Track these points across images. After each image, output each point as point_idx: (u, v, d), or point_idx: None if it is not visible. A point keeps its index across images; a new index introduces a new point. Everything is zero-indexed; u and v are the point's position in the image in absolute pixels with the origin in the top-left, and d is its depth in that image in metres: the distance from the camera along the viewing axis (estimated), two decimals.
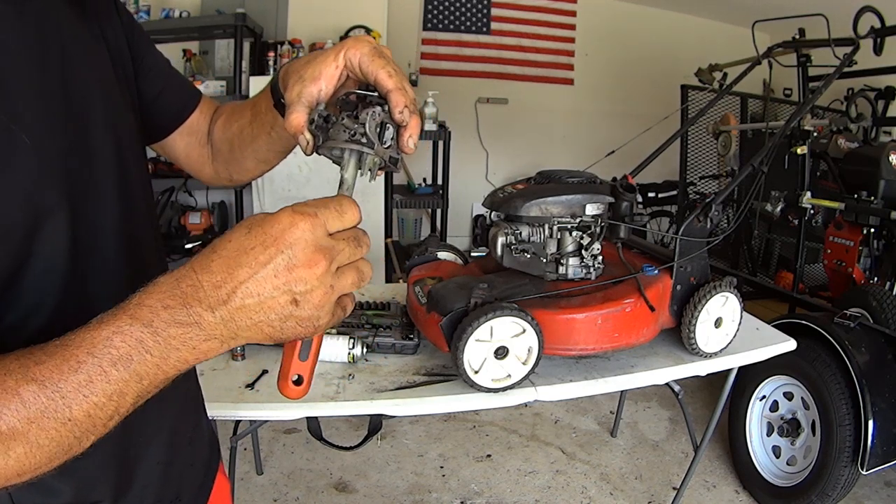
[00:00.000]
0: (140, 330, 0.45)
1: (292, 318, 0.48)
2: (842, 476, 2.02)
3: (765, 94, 3.53)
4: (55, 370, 0.43)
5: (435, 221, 4.70)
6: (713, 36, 5.23)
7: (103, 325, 0.45)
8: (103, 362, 0.44)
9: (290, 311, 0.48)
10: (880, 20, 2.22)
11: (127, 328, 0.44)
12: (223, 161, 0.85)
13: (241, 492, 2.27)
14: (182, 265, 0.47)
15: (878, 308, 2.29)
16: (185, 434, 0.75)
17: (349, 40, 0.64)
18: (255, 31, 3.88)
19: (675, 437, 2.80)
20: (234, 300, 0.46)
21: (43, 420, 0.42)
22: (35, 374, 0.42)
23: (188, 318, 0.45)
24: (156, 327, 0.45)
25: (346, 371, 1.44)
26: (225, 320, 0.46)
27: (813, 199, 2.62)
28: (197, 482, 0.77)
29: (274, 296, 0.47)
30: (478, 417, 2.88)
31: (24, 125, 0.51)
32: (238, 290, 0.46)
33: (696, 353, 1.57)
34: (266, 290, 0.47)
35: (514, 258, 1.49)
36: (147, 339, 0.45)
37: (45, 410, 0.42)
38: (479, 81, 5.16)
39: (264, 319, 0.47)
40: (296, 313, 0.48)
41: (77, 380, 0.43)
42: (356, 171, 0.59)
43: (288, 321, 0.48)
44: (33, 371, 0.43)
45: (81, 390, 0.43)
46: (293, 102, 0.62)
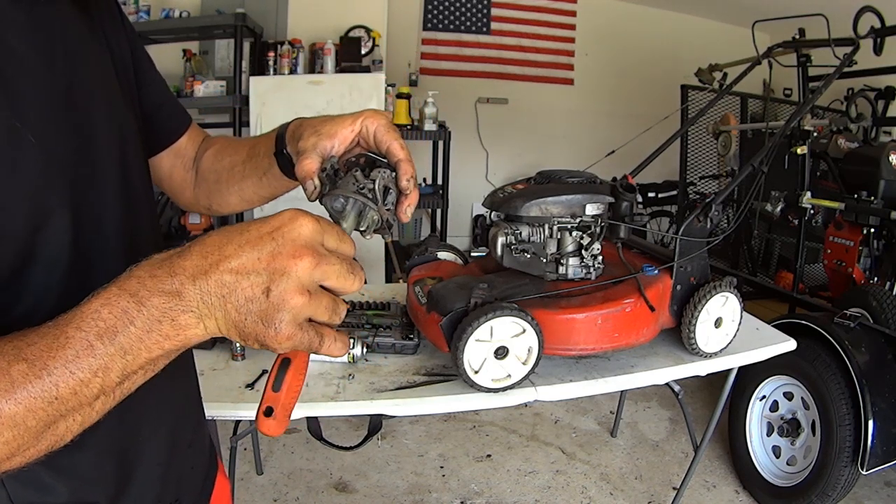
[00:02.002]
0: (126, 300, 0.45)
1: (258, 309, 0.46)
2: (842, 476, 2.02)
3: (765, 94, 3.53)
4: (45, 349, 0.43)
5: (435, 221, 4.70)
6: (713, 36, 5.22)
7: (94, 298, 0.45)
8: (90, 336, 0.44)
9: (258, 301, 0.46)
10: (880, 20, 2.22)
11: (115, 299, 0.45)
12: (206, 190, 0.86)
13: (241, 492, 2.27)
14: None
15: (878, 308, 2.29)
16: (185, 436, 0.75)
17: (368, 111, 0.68)
18: (255, 31, 3.88)
19: (675, 437, 2.80)
20: (214, 273, 0.46)
21: (30, 400, 0.42)
22: (26, 354, 0.43)
23: (171, 287, 0.45)
24: (140, 297, 0.45)
25: (346, 371, 1.44)
26: (202, 293, 0.46)
27: (813, 199, 2.62)
28: (198, 485, 0.77)
29: (250, 277, 0.46)
30: (478, 417, 2.88)
31: (30, 125, 0.51)
32: (221, 264, 0.46)
33: (696, 353, 1.57)
34: (245, 268, 0.46)
35: (514, 258, 1.49)
36: (132, 308, 0.45)
37: (33, 390, 0.42)
38: (479, 81, 5.16)
39: (233, 302, 0.46)
40: (263, 306, 0.46)
41: (64, 356, 0.43)
42: (355, 223, 0.60)
43: (252, 312, 0.46)
44: (24, 352, 0.43)
45: (68, 366, 0.43)
46: (307, 150, 0.65)
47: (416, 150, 4.75)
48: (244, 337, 0.48)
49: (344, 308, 0.52)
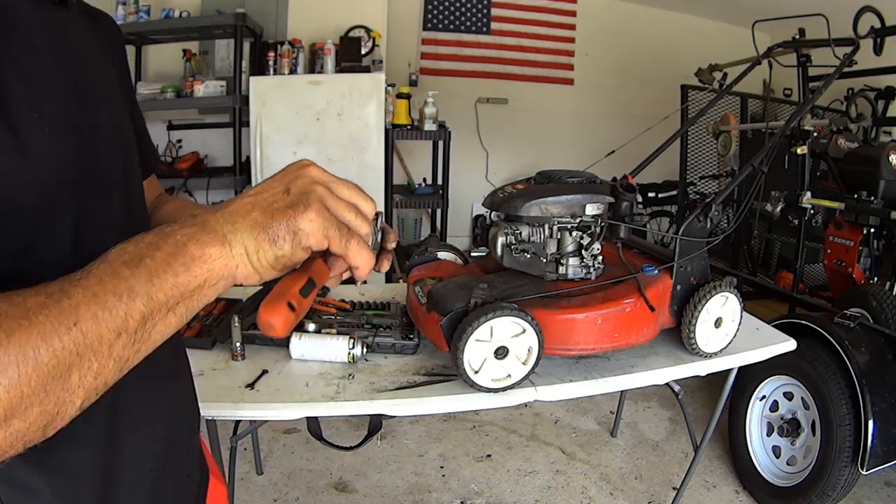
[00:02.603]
0: (151, 235, 0.46)
1: (282, 203, 0.50)
2: (842, 476, 2.02)
3: (765, 94, 3.53)
4: (65, 280, 0.42)
5: (435, 221, 4.70)
6: (713, 36, 5.23)
7: (116, 246, 0.45)
8: (115, 263, 0.43)
9: (280, 198, 0.50)
10: (880, 20, 2.22)
11: (139, 237, 0.46)
12: None
13: (241, 492, 2.27)
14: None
15: (878, 308, 2.29)
16: (182, 444, 0.73)
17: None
18: (255, 31, 3.88)
19: (675, 437, 2.80)
20: (234, 203, 0.50)
21: (45, 324, 0.39)
22: (44, 289, 0.41)
23: (194, 221, 0.48)
24: (165, 231, 0.47)
25: (346, 371, 1.44)
26: (225, 216, 0.49)
27: (813, 199, 2.62)
28: (193, 493, 0.75)
29: (268, 191, 0.51)
30: (478, 417, 2.88)
31: (45, 118, 0.52)
32: (242, 196, 0.51)
33: (696, 353, 1.57)
34: (262, 190, 0.51)
35: (514, 258, 1.49)
36: (157, 240, 0.46)
37: (49, 314, 0.39)
38: (479, 81, 5.16)
39: (259, 207, 0.49)
40: (286, 200, 0.50)
41: (87, 282, 0.42)
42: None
43: (276, 208, 0.49)
44: (42, 288, 0.41)
45: (90, 289, 0.41)
46: None
47: (416, 150, 4.76)
48: (273, 237, 0.49)
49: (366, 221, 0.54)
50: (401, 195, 4.00)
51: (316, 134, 3.68)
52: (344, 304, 1.75)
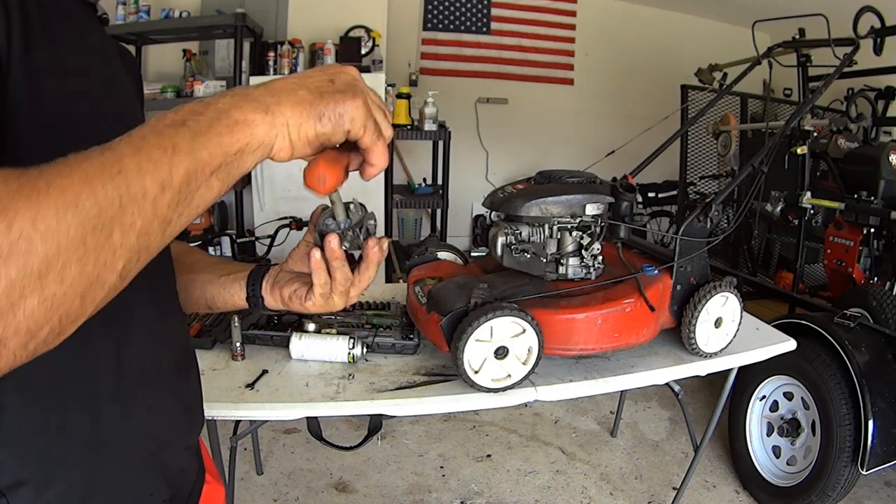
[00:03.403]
0: (194, 104, 0.46)
1: (329, 88, 0.52)
2: (842, 476, 2.02)
3: (765, 94, 3.53)
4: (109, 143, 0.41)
5: (435, 221, 4.70)
6: (713, 36, 5.22)
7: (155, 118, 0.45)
8: (158, 124, 0.43)
9: (327, 85, 0.52)
10: (880, 20, 2.22)
11: (181, 107, 0.46)
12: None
13: (241, 492, 2.27)
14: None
15: (878, 308, 2.29)
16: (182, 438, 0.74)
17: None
18: (255, 31, 3.88)
19: (675, 437, 2.80)
20: (277, 82, 0.51)
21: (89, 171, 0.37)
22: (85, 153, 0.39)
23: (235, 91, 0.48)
24: (205, 102, 0.47)
25: (346, 371, 1.44)
26: (270, 90, 0.50)
27: (813, 199, 2.62)
28: (188, 489, 0.76)
29: (313, 77, 0.53)
30: (478, 417, 2.88)
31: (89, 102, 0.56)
32: (284, 79, 0.52)
33: (696, 353, 1.57)
34: (306, 76, 0.53)
35: (514, 258, 1.49)
36: (199, 108, 0.46)
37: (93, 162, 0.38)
38: (479, 81, 5.16)
39: (301, 83, 0.51)
40: (332, 87, 0.52)
41: (130, 139, 0.41)
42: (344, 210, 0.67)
43: (324, 90, 0.52)
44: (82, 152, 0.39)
45: (133, 143, 0.41)
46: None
47: (416, 150, 4.76)
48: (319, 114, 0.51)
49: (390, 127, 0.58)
50: (401, 195, 4.00)
51: None
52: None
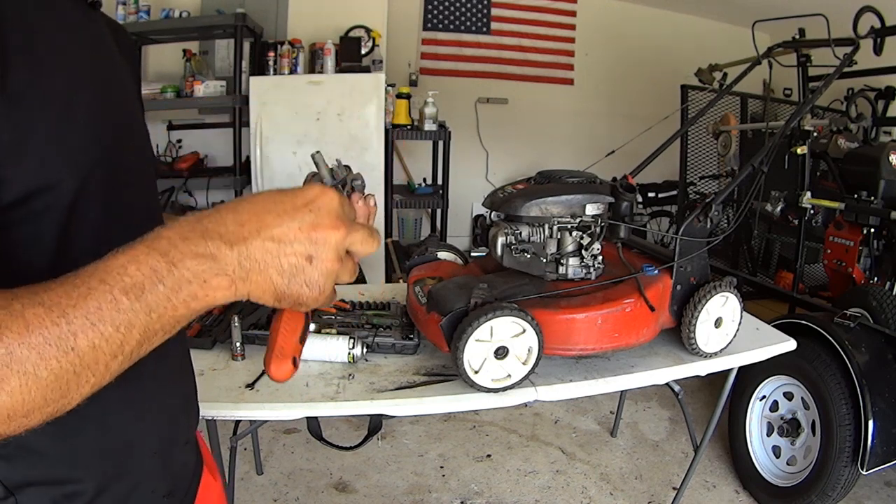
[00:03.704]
0: (156, 259, 0.44)
1: (302, 274, 0.49)
2: (842, 476, 2.02)
3: (765, 94, 3.53)
4: (64, 296, 0.41)
5: (435, 221, 4.70)
6: (713, 36, 5.22)
7: (119, 255, 0.44)
8: (115, 290, 0.42)
9: (302, 267, 0.49)
10: (880, 20, 2.22)
11: (143, 257, 0.44)
12: None
13: (241, 492, 2.27)
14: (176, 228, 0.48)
15: (878, 308, 2.29)
16: (182, 433, 0.76)
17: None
18: (255, 31, 3.88)
19: (675, 437, 2.80)
20: (255, 240, 0.47)
21: (45, 347, 0.40)
22: (43, 299, 0.41)
23: (205, 251, 0.46)
24: (172, 257, 0.45)
25: (346, 371, 1.44)
26: (241, 257, 0.47)
27: (813, 199, 2.62)
28: (187, 482, 0.77)
29: (294, 245, 0.48)
30: (478, 417, 2.88)
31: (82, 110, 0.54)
32: (262, 232, 0.48)
33: (696, 353, 1.57)
34: (288, 237, 0.48)
35: (514, 258, 1.49)
36: (162, 268, 0.44)
37: (49, 336, 0.40)
38: (479, 81, 5.16)
39: (277, 267, 0.48)
40: (307, 272, 0.49)
41: (86, 306, 0.42)
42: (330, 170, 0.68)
43: (297, 277, 0.49)
44: (41, 296, 0.41)
45: (89, 317, 0.41)
46: None
47: (416, 150, 4.76)
48: (279, 298, 0.50)
49: (379, 240, 0.56)
50: (401, 195, 4.00)
51: (316, 134, 3.68)
52: (344, 304, 1.75)
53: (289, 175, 3.71)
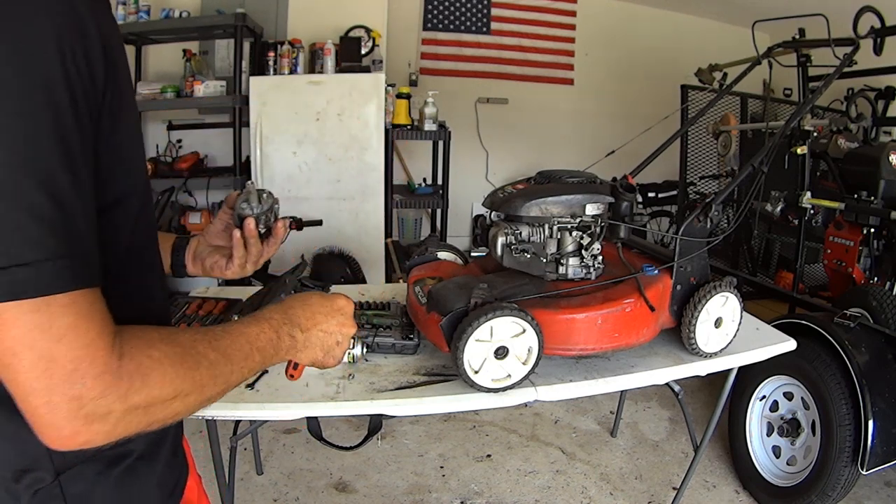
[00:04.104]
0: (272, 334, 0.75)
1: (332, 351, 0.86)
2: (842, 476, 2.02)
3: (765, 94, 3.53)
4: (229, 347, 0.68)
5: (435, 221, 4.70)
6: (713, 36, 5.22)
7: (253, 325, 0.74)
8: (254, 349, 0.71)
9: (332, 347, 0.86)
10: (880, 20, 2.22)
11: (266, 331, 0.75)
12: None
13: (241, 492, 2.27)
14: (280, 302, 0.82)
15: (878, 308, 2.29)
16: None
17: None
18: (255, 31, 3.88)
19: (675, 437, 2.80)
20: (314, 330, 0.83)
21: (216, 378, 0.65)
22: (217, 346, 0.66)
23: (292, 333, 0.79)
24: (279, 334, 0.77)
25: (346, 371, 1.44)
26: (305, 338, 0.82)
27: (813, 199, 2.62)
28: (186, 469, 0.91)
29: (332, 336, 0.85)
30: (478, 417, 2.88)
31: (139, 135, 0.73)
32: (317, 326, 0.83)
33: (696, 353, 1.57)
34: (329, 330, 0.85)
35: (514, 258, 1.49)
36: (274, 340, 0.76)
37: (221, 373, 0.65)
38: (479, 81, 5.16)
39: (321, 346, 0.84)
40: (334, 350, 0.87)
41: (241, 357, 0.69)
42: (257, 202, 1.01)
43: (329, 353, 0.86)
44: (215, 343, 0.66)
45: (240, 363, 0.69)
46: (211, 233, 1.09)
47: (416, 150, 4.76)
48: (313, 361, 0.85)
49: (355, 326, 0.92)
50: (401, 195, 4.00)
51: (316, 134, 3.68)
52: None
53: (288, 176, 3.71)
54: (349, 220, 3.80)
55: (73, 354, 0.51)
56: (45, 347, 0.49)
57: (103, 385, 0.52)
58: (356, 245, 3.77)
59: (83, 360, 0.51)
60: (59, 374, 0.50)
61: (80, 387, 0.51)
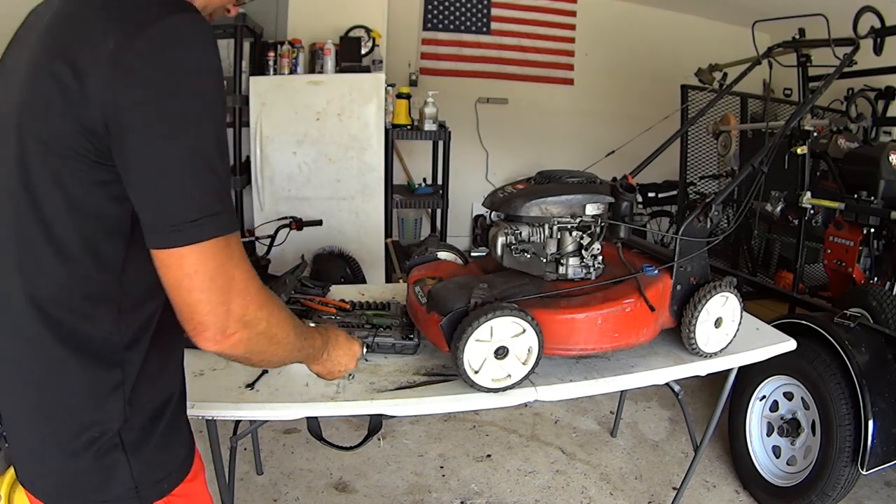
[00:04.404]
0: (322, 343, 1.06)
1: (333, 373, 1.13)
2: (842, 476, 2.02)
3: (765, 94, 3.53)
4: (307, 336, 0.98)
5: (435, 221, 4.70)
6: (713, 36, 5.22)
7: (317, 334, 1.05)
8: (315, 345, 1.02)
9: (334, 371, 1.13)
10: (880, 20, 2.22)
11: (320, 339, 1.06)
12: None
13: (241, 492, 2.27)
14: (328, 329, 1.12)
15: (878, 308, 2.28)
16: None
17: None
18: (255, 31, 3.88)
19: (675, 437, 2.80)
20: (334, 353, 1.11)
21: (296, 348, 0.92)
22: (304, 332, 0.96)
23: (326, 347, 1.08)
24: (327, 348, 1.08)
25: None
26: (326, 358, 1.09)
27: (813, 199, 2.62)
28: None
29: (343, 360, 1.13)
30: (478, 417, 2.88)
31: None
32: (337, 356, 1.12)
33: (696, 353, 1.57)
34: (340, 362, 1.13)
35: (514, 258, 1.49)
36: (322, 346, 1.06)
37: (299, 347, 0.93)
38: (479, 81, 5.16)
39: (330, 367, 1.11)
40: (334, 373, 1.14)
41: (310, 343, 1.00)
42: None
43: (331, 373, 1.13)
44: (304, 332, 0.96)
45: (307, 348, 0.99)
46: None
47: (416, 150, 4.76)
48: (319, 372, 1.12)
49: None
50: (401, 195, 4.00)
51: (316, 134, 3.68)
52: (344, 304, 1.75)
53: (289, 176, 3.71)
54: (349, 220, 3.80)
55: (244, 276, 0.74)
56: (229, 269, 0.72)
57: (259, 302, 0.77)
58: (356, 245, 3.77)
59: (251, 280, 0.76)
60: (236, 288, 0.73)
61: (247, 298, 0.75)
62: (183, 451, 0.89)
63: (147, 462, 0.81)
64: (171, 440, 0.87)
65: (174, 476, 0.86)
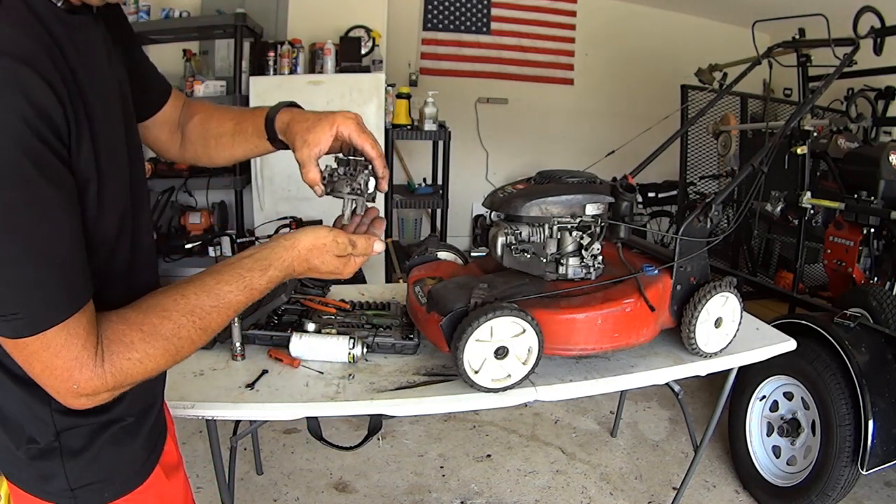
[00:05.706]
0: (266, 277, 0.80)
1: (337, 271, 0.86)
2: (842, 476, 2.02)
3: (765, 94, 3.53)
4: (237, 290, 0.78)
5: (435, 221, 4.70)
6: (713, 36, 5.22)
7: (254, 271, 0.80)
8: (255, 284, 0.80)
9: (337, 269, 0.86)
10: (880, 20, 2.22)
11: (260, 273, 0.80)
12: (193, 150, 1.06)
13: (241, 492, 2.27)
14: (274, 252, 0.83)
15: (878, 308, 2.28)
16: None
17: (339, 115, 0.93)
18: (255, 31, 3.88)
19: (675, 437, 2.80)
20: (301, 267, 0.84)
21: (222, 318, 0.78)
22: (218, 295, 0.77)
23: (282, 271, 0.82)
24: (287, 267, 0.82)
25: (346, 371, 1.44)
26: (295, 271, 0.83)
27: (813, 199, 2.62)
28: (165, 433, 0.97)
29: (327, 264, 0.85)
30: (478, 417, 2.88)
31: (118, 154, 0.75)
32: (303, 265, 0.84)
33: (696, 353, 1.57)
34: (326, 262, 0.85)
35: (514, 258, 1.49)
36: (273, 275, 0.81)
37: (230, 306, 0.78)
38: (479, 81, 5.16)
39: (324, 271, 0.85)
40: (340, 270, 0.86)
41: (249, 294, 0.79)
42: (351, 210, 0.92)
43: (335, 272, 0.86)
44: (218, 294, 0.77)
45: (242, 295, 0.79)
46: (307, 162, 0.90)
47: (416, 150, 4.76)
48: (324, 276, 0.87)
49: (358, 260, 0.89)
50: (401, 195, 4.00)
51: None
52: (344, 304, 1.75)
53: (289, 176, 3.71)
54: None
55: (65, 364, 0.66)
56: (48, 360, 0.66)
57: (92, 385, 0.69)
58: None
59: (73, 368, 0.67)
60: (59, 377, 0.67)
61: (75, 385, 0.68)
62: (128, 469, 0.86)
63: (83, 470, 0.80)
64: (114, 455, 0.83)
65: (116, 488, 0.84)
